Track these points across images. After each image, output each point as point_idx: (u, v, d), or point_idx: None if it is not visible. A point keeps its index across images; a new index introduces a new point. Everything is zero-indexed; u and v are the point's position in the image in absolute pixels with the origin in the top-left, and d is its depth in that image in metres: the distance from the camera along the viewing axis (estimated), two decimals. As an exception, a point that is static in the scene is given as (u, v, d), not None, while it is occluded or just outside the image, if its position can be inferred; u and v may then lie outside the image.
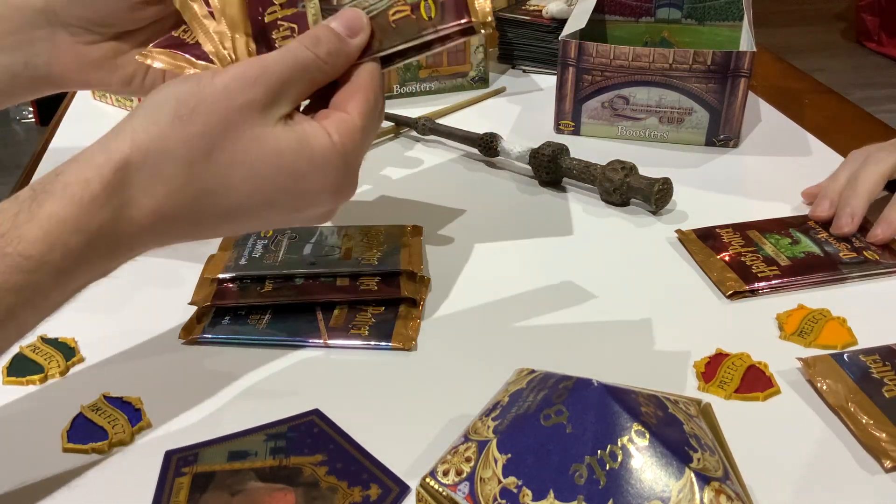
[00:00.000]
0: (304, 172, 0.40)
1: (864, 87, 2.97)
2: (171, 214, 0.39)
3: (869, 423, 0.46)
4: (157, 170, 0.38)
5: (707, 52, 0.78)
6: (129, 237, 0.39)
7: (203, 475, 0.44)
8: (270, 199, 0.40)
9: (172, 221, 0.39)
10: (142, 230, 0.39)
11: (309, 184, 0.41)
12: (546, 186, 0.75)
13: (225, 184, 0.39)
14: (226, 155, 0.39)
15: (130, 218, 0.38)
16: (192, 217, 0.40)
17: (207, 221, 0.40)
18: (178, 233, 0.41)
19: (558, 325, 0.57)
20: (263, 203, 0.40)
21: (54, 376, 0.52)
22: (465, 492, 0.36)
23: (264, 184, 0.40)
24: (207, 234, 0.43)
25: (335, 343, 0.54)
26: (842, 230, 0.64)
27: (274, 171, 0.40)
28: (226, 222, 0.41)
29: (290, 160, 0.40)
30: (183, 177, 0.38)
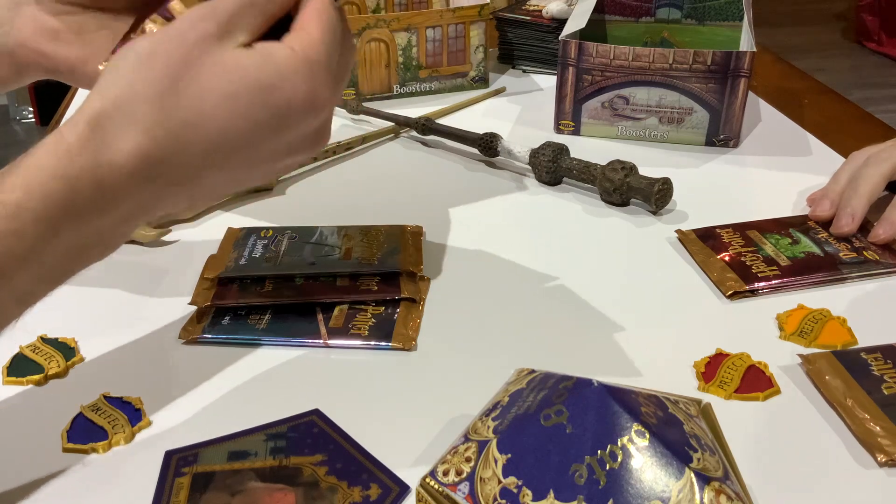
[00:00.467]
0: (273, 84, 0.40)
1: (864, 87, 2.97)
2: (153, 154, 0.38)
3: (865, 418, 0.46)
4: (128, 112, 0.38)
5: (707, 52, 0.78)
6: (114, 183, 0.38)
7: (203, 475, 0.44)
8: (250, 119, 0.40)
9: (157, 163, 0.38)
10: (126, 175, 0.38)
11: (282, 93, 0.40)
12: (546, 186, 0.75)
13: (199, 112, 0.39)
14: (193, 86, 0.38)
15: (111, 162, 0.37)
16: (176, 155, 0.39)
17: (195, 160, 0.39)
18: (168, 177, 0.39)
19: (558, 325, 0.57)
20: (246, 127, 0.40)
21: (54, 376, 0.52)
22: (465, 492, 0.36)
23: (237, 104, 0.39)
24: (202, 180, 0.41)
25: (335, 343, 0.54)
26: (842, 230, 0.64)
27: (243, 88, 0.39)
28: (216, 158, 0.40)
29: (255, 74, 0.39)
30: (155, 113, 0.38)
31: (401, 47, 0.92)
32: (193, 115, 0.38)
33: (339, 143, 0.81)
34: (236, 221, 0.69)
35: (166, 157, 0.38)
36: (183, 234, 0.68)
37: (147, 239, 0.66)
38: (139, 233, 0.66)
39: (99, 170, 0.37)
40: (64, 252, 0.38)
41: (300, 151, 0.44)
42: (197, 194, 0.42)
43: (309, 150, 0.44)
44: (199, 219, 0.70)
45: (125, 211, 0.39)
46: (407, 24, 0.91)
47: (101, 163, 0.37)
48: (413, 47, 0.93)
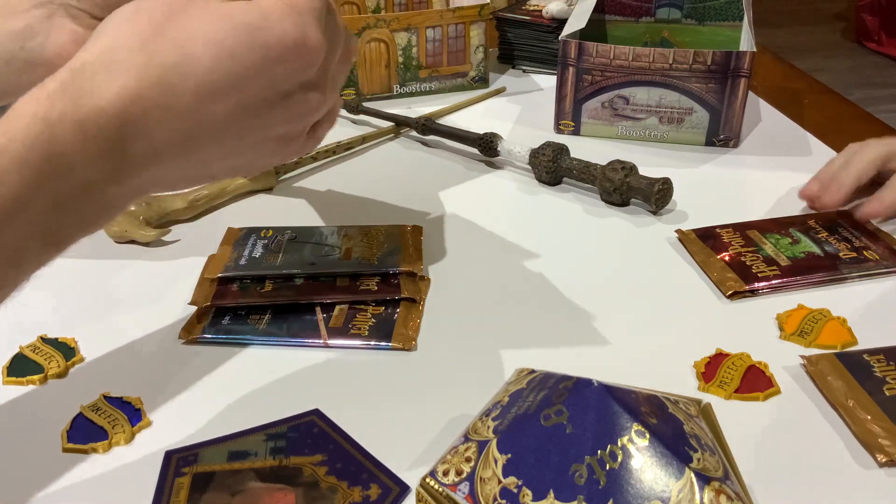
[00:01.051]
0: (259, 24, 0.39)
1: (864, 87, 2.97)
2: (137, 95, 0.36)
3: (866, 418, 0.46)
4: (112, 58, 0.37)
5: (707, 52, 0.78)
6: (97, 125, 0.36)
7: (203, 475, 0.44)
8: (237, 58, 0.38)
9: (142, 103, 0.37)
10: (109, 116, 0.36)
11: (268, 32, 0.39)
12: (546, 186, 0.75)
13: (185, 54, 0.37)
14: (178, 31, 0.38)
15: (93, 104, 0.36)
16: (162, 97, 0.37)
17: (183, 100, 0.38)
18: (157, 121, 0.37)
19: (558, 325, 0.57)
20: (233, 65, 0.38)
21: (54, 376, 0.52)
22: (465, 492, 0.36)
23: (223, 45, 0.38)
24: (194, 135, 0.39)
25: (335, 343, 0.54)
26: (824, 200, 0.66)
27: (229, 30, 0.38)
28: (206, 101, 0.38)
29: (241, 17, 0.39)
30: (140, 57, 0.37)
31: (401, 47, 0.92)
32: (179, 55, 0.37)
33: (339, 143, 0.81)
34: (236, 221, 0.69)
35: (152, 97, 0.37)
36: (183, 234, 0.68)
37: (147, 239, 0.66)
38: (139, 233, 0.66)
39: (80, 112, 0.36)
40: (52, 204, 0.36)
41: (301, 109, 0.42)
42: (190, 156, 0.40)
43: (312, 108, 0.43)
44: (199, 219, 0.70)
45: (112, 162, 0.37)
46: (407, 24, 0.91)
47: (83, 105, 0.36)
48: (413, 47, 0.93)
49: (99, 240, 0.66)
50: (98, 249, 0.66)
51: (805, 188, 0.69)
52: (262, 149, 0.43)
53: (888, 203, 0.64)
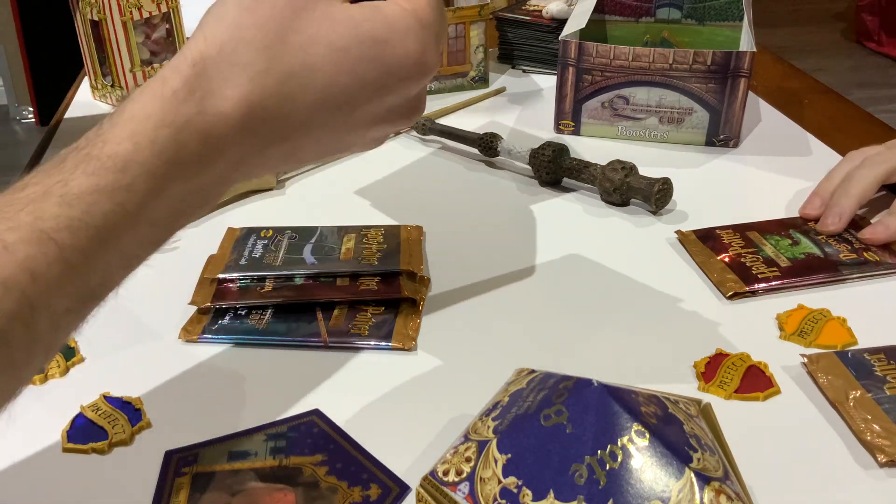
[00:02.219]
0: (385, 37, 0.38)
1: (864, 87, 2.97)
2: (258, 104, 0.36)
3: (866, 418, 0.46)
4: (234, 58, 0.36)
5: (707, 52, 0.78)
6: (219, 133, 0.36)
7: (203, 475, 0.44)
8: (357, 74, 0.38)
9: (261, 113, 0.37)
10: (230, 124, 0.36)
11: (392, 49, 0.38)
12: (546, 186, 0.75)
13: (306, 64, 0.37)
14: (301, 35, 0.37)
15: (217, 110, 0.36)
16: (280, 106, 0.37)
17: (299, 112, 0.38)
18: (271, 130, 0.38)
19: (558, 325, 0.57)
20: (352, 81, 0.38)
21: (54, 376, 0.52)
22: (465, 492, 0.36)
23: (346, 57, 0.38)
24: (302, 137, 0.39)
25: (335, 343, 0.54)
26: (827, 228, 0.65)
27: (353, 41, 0.38)
28: (319, 112, 0.38)
29: (367, 27, 0.38)
30: (262, 61, 0.36)
31: (401, 47, 0.92)
32: (300, 65, 0.37)
33: (339, 143, 0.81)
34: (236, 221, 0.69)
35: (271, 107, 0.37)
36: (183, 233, 0.68)
37: (147, 239, 0.66)
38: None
39: (204, 118, 0.36)
40: (169, 210, 0.36)
41: (397, 119, 0.42)
42: (295, 153, 0.40)
43: (405, 118, 0.43)
44: (199, 219, 0.70)
45: (227, 166, 0.37)
46: (407, 24, 0.91)
47: (206, 111, 0.36)
48: (413, 47, 0.93)
49: (99, 240, 0.66)
50: (98, 249, 0.65)
51: (805, 206, 0.68)
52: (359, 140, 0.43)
53: (894, 230, 0.62)
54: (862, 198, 0.65)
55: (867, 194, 0.66)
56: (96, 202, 0.33)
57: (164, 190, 0.35)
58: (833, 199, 0.66)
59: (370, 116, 0.41)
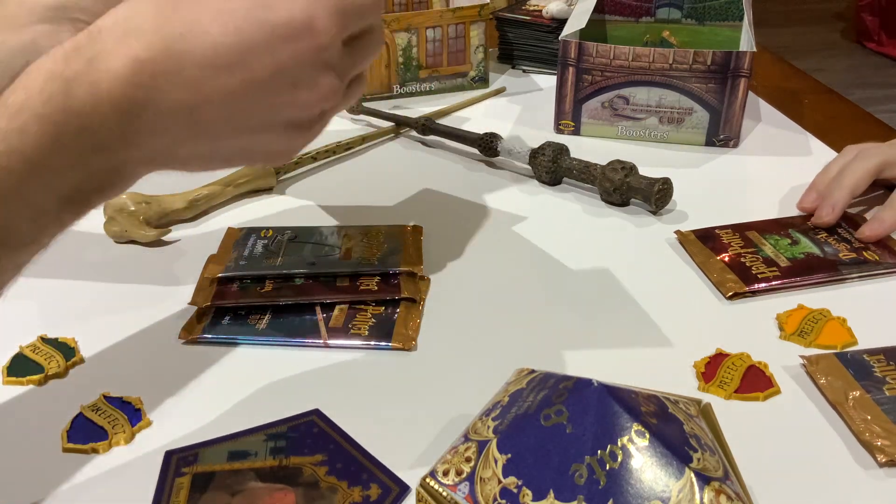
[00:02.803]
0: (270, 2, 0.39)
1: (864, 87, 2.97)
2: (147, 60, 0.37)
3: (866, 418, 0.46)
4: (127, 24, 0.38)
5: (707, 52, 0.78)
6: (108, 87, 0.37)
7: (203, 475, 0.44)
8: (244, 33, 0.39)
9: (150, 68, 0.38)
10: (119, 77, 0.37)
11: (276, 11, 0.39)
12: (546, 186, 0.75)
13: (193, 24, 0.38)
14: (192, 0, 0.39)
15: (105, 66, 0.37)
16: (169, 63, 0.38)
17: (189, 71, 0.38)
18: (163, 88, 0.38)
19: (558, 325, 0.57)
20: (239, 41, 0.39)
21: (54, 376, 0.52)
22: (465, 492, 0.36)
23: (232, 17, 0.38)
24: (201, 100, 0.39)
25: (335, 343, 0.54)
26: (821, 219, 0.65)
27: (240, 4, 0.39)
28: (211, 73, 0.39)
29: None
30: (152, 25, 0.38)
31: (401, 47, 0.92)
32: (187, 26, 0.38)
33: (339, 143, 0.81)
34: (236, 221, 0.69)
35: (160, 63, 0.38)
36: (183, 234, 0.68)
37: (147, 239, 0.66)
38: (139, 233, 0.66)
39: (94, 73, 0.37)
40: (70, 161, 0.38)
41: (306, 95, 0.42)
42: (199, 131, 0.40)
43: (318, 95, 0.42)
44: (199, 219, 0.70)
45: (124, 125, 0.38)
46: (407, 24, 0.91)
47: (95, 67, 0.37)
48: (413, 47, 0.93)
49: (99, 240, 0.66)
50: (98, 249, 0.66)
51: (802, 200, 0.69)
52: (273, 133, 0.43)
53: (888, 224, 0.63)
54: (855, 189, 0.66)
55: (860, 186, 0.66)
56: None
57: (60, 138, 0.37)
58: (826, 191, 0.67)
59: (274, 88, 0.40)
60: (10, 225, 0.37)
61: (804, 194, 0.69)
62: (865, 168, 0.66)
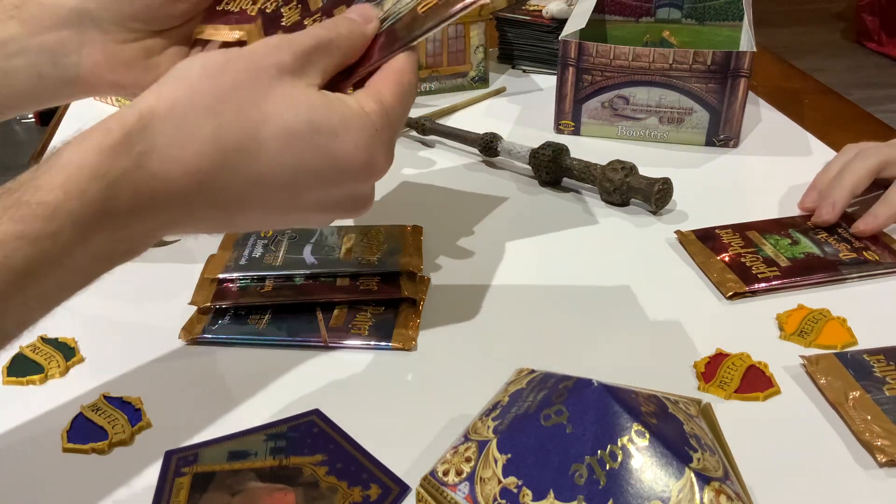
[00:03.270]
0: (336, 129, 0.38)
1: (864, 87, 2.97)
2: (198, 170, 0.36)
3: (866, 418, 0.46)
4: (183, 120, 0.36)
5: (707, 52, 0.78)
6: (153, 192, 0.36)
7: (203, 475, 0.44)
8: (304, 159, 0.38)
9: (200, 179, 0.37)
10: (166, 186, 0.36)
11: (341, 143, 0.39)
12: (546, 186, 0.75)
13: (255, 138, 0.37)
14: (256, 111, 0.37)
15: (154, 169, 0.36)
16: (220, 176, 0.37)
17: (238, 186, 0.38)
18: (207, 198, 0.37)
19: (558, 325, 0.57)
20: (296, 165, 0.38)
21: (54, 376, 0.52)
22: (465, 492, 0.36)
23: (296, 140, 0.38)
24: (237, 209, 0.39)
25: (335, 343, 0.54)
26: (822, 218, 0.65)
27: (305, 125, 0.38)
28: (259, 190, 0.38)
29: (323, 115, 0.38)
30: (211, 129, 0.36)
31: (401, 47, 0.92)
32: (249, 140, 0.37)
33: (339, 143, 0.81)
34: (236, 221, 0.69)
35: (211, 175, 0.37)
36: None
37: (147, 239, 0.66)
38: (139, 233, 0.66)
39: (140, 175, 0.36)
40: (93, 257, 0.36)
41: (338, 211, 0.43)
42: (231, 222, 0.41)
43: (348, 212, 0.43)
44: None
45: (158, 222, 0.38)
46: (407, 24, 0.91)
47: (143, 167, 0.36)
48: (413, 47, 0.92)
49: (99, 240, 0.66)
50: (98, 249, 0.66)
51: (803, 200, 0.69)
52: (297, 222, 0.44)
53: (882, 219, 0.64)
54: (855, 188, 0.66)
55: (860, 185, 0.66)
56: (19, 248, 0.33)
57: (90, 239, 0.35)
58: (826, 190, 0.67)
59: (312, 203, 0.41)
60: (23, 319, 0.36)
61: (805, 194, 0.69)
62: (866, 167, 0.66)
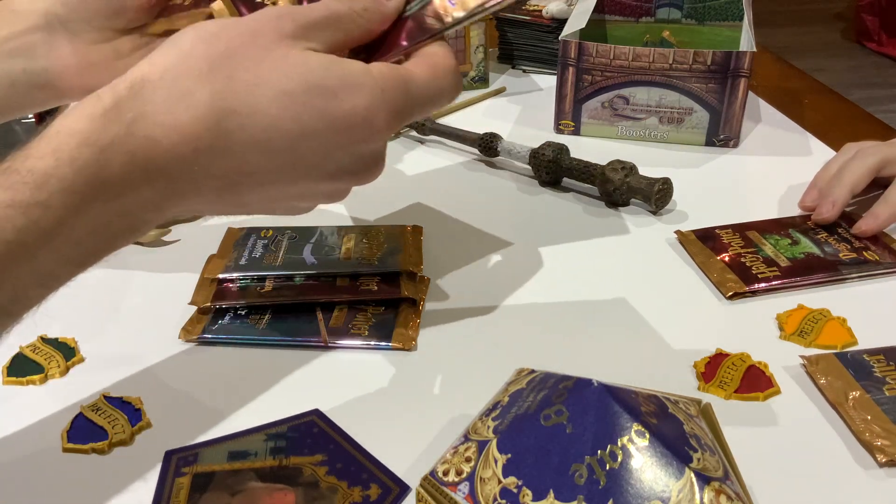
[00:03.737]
0: (335, 89, 0.37)
1: (864, 87, 2.97)
2: (191, 134, 0.35)
3: (866, 418, 0.46)
4: (175, 85, 0.35)
5: (707, 52, 0.78)
6: (147, 158, 0.35)
7: (203, 475, 0.44)
8: (301, 121, 0.37)
9: (195, 147, 0.35)
10: (159, 150, 0.35)
11: (338, 103, 0.37)
12: (546, 186, 0.75)
13: (250, 103, 0.36)
14: (250, 74, 0.36)
15: (145, 134, 0.35)
16: (216, 141, 0.36)
17: (236, 151, 0.36)
18: (205, 166, 0.36)
19: (558, 325, 0.57)
20: (294, 128, 0.37)
21: (54, 376, 0.52)
22: (465, 492, 0.36)
23: (292, 102, 0.36)
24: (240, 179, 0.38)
25: (335, 343, 0.54)
26: (822, 216, 0.66)
27: (302, 86, 0.36)
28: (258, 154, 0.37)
29: (319, 75, 0.37)
30: (204, 93, 0.35)
31: (401, 47, 0.92)
32: (243, 104, 0.36)
33: (339, 143, 0.81)
34: (236, 221, 0.69)
35: (206, 140, 0.36)
36: (183, 234, 0.68)
37: (147, 239, 0.66)
38: (139, 233, 0.66)
39: (133, 141, 0.35)
40: (90, 230, 0.35)
41: (348, 177, 0.41)
42: (234, 194, 0.39)
43: (357, 176, 0.42)
44: (200, 219, 0.70)
45: (156, 193, 0.36)
46: (407, 24, 0.91)
47: (135, 133, 0.35)
48: (413, 47, 0.92)
49: (99, 240, 0.66)
50: (98, 249, 0.66)
51: (804, 199, 0.69)
52: (305, 200, 0.43)
53: (883, 219, 0.64)
54: (854, 187, 0.66)
55: (860, 183, 0.67)
56: (9, 217, 0.33)
57: (85, 209, 0.34)
58: (826, 188, 0.67)
59: (318, 169, 0.39)
60: (19, 294, 0.35)
61: (805, 193, 0.70)
62: (865, 165, 0.66)
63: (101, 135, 0.34)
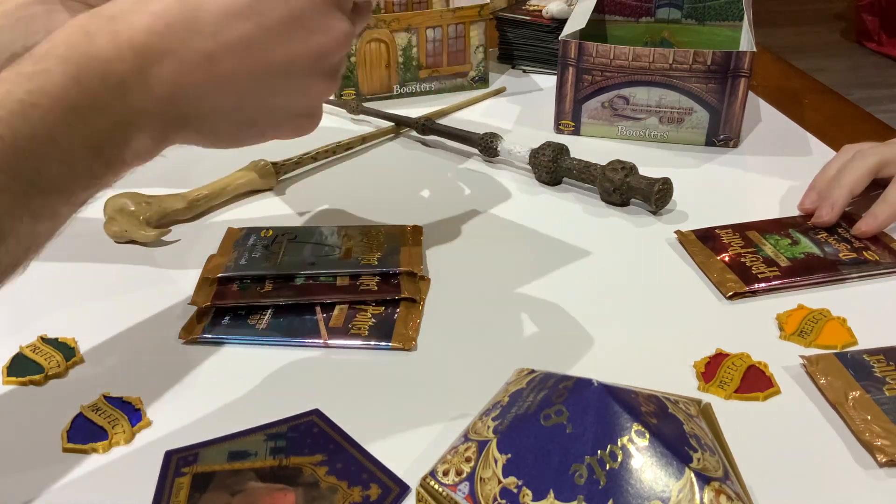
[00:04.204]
0: None
1: (864, 87, 2.97)
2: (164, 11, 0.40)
3: (866, 418, 0.46)
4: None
5: (707, 52, 0.78)
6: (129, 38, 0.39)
7: (203, 475, 0.44)
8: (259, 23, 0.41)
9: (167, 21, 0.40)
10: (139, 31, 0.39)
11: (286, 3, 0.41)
12: (546, 186, 0.75)
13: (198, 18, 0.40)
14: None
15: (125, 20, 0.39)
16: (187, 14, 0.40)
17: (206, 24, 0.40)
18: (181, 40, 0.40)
19: (558, 325, 0.57)
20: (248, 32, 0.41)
21: (54, 376, 0.52)
22: (465, 492, 0.36)
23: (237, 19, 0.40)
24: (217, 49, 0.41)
25: (335, 343, 0.54)
26: (821, 219, 0.66)
27: None
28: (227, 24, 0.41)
29: None
30: None
31: (401, 47, 0.92)
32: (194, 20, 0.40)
33: (339, 143, 0.81)
34: (236, 221, 0.69)
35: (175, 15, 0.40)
36: (183, 233, 0.68)
37: (147, 239, 0.66)
38: (139, 233, 0.66)
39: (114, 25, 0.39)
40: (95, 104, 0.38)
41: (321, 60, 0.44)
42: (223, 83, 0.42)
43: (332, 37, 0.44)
44: (199, 219, 0.70)
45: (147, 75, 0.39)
46: (407, 24, 0.91)
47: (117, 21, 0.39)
48: (413, 47, 0.93)
49: (99, 240, 0.66)
50: (98, 249, 0.66)
51: (803, 201, 0.69)
52: (293, 83, 0.44)
53: (882, 219, 0.64)
54: (854, 188, 0.66)
55: (859, 185, 0.66)
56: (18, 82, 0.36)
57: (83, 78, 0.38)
58: (826, 190, 0.67)
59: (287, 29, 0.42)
60: (41, 165, 0.37)
61: (804, 195, 0.69)
62: (865, 167, 0.66)
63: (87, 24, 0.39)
